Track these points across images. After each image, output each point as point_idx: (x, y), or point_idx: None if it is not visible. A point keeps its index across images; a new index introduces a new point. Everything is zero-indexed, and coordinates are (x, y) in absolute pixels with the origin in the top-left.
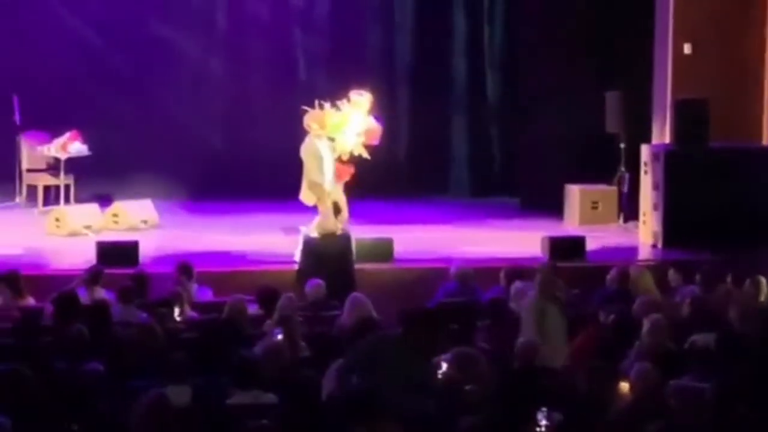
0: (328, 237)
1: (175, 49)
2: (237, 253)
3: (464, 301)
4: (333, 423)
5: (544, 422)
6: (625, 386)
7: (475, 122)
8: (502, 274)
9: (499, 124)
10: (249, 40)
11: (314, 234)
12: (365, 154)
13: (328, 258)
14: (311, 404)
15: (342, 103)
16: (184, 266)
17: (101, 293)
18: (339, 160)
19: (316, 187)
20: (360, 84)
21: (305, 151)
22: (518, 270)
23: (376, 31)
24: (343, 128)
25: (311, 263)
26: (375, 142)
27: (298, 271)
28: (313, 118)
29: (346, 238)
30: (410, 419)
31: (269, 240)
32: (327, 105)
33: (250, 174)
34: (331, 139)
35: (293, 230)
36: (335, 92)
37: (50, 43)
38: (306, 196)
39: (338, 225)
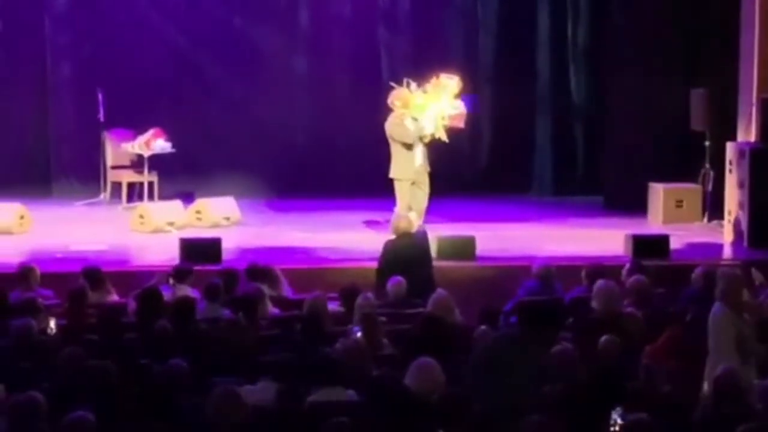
0: (404, 237)
1: (258, 47)
2: (319, 250)
3: (546, 300)
4: (419, 422)
5: (619, 421)
6: (709, 387)
7: (558, 120)
8: (583, 273)
9: (583, 122)
10: (332, 37)
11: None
12: (444, 138)
13: (405, 257)
14: (392, 402)
15: (430, 83)
16: (255, 269)
17: (186, 290)
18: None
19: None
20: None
21: (392, 125)
22: (600, 269)
23: (459, 28)
24: (426, 110)
25: (389, 262)
26: (460, 125)
27: (377, 270)
28: (398, 96)
29: (422, 235)
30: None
31: (351, 237)
32: (414, 84)
33: (332, 171)
34: (414, 119)
35: (374, 227)
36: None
37: (135, 42)
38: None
39: (412, 223)
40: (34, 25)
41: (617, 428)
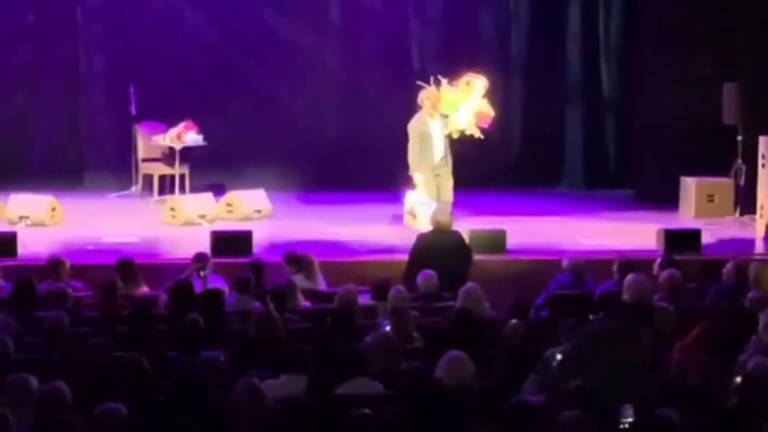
0: (440, 230)
1: (289, 40)
2: (349, 243)
3: (577, 294)
4: (449, 415)
5: (628, 420)
6: (741, 381)
7: (589, 113)
8: (615, 267)
9: (614, 115)
10: (362, 30)
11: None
12: (477, 134)
13: (438, 250)
14: (423, 394)
15: (458, 83)
16: (293, 257)
17: (216, 282)
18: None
19: (412, 163)
20: (474, 73)
21: (411, 127)
22: (631, 262)
23: (491, 21)
24: (458, 106)
25: (421, 255)
26: (485, 125)
27: (408, 261)
28: (428, 95)
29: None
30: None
31: (382, 230)
32: (444, 81)
33: (363, 165)
34: (445, 116)
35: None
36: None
37: (167, 36)
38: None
39: (451, 218)
40: (66, 19)
41: (626, 426)
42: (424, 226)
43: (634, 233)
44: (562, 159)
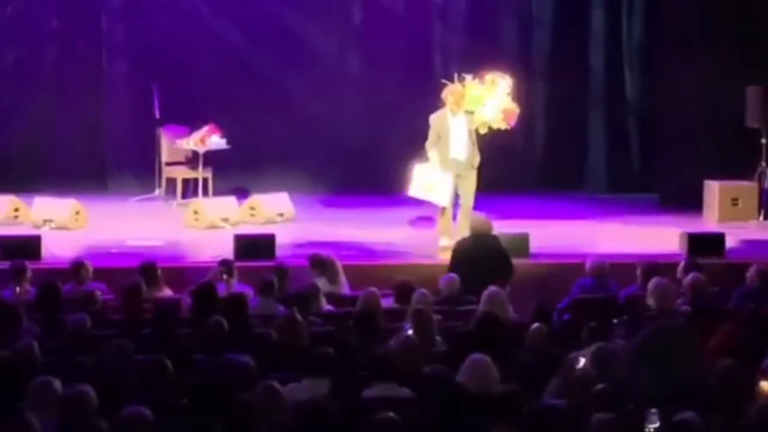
0: (478, 236)
1: (312, 43)
2: (372, 246)
3: (600, 298)
4: (472, 419)
5: (654, 426)
6: (765, 385)
7: (612, 116)
8: (639, 271)
9: (638, 118)
10: (385, 34)
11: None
12: (504, 126)
13: (473, 256)
14: (445, 398)
15: (483, 80)
16: (317, 259)
17: (242, 289)
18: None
19: (427, 149)
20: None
21: (431, 120)
22: (655, 266)
23: (513, 24)
24: (484, 101)
25: (457, 260)
26: (511, 123)
27: (448, 267)
28: (451, 91)
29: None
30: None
31: (405, 234)
32: (469, 77)
33: (386, 168)
34: (470, 113)
35: (426, 223)
36: None
37: (190, 39)
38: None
39: (491, 224)
40: (90, 22)
41: (651, 430)
42: (443, 200)
43: (657, 237)
44: (585, 163)
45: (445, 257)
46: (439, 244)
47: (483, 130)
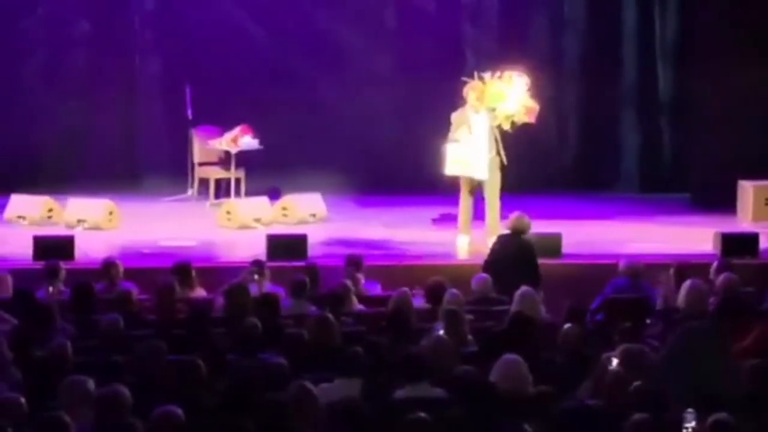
0: (515, 234)
1: (343, 44)
2: (404, 246)
3: (634, 298)
4: (504, 419)
5: (692, 424)
6: None
7: (645, 116)
8: (671, 272)
9: (670, 118)
10: (416, 34)
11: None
12: (527, 119)
13: (509, 255)
14: (477, 398)
15: (502, 76)
16: (354, 259)
17: (274, 290)
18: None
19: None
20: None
21: (452, 117)
22: (688, 267)
23: (545, 24)
24: (505, 97)
25: (495, 257)
26: (532, 120)
27: (484, 263)
28: (472, 87)
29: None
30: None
31: (436, 234)
32: (488, 74)
33: (418, 168)
34: (492, 110)
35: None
36: None
37: (222, 40)
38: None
39: (528, 222)
40: (123, 24)
41: (689, 430)
42: (482, 173)
43: (690, 237)
44: (618, 163)
45: (466, 256)
46: (457, 243)
47: (506, 125)
